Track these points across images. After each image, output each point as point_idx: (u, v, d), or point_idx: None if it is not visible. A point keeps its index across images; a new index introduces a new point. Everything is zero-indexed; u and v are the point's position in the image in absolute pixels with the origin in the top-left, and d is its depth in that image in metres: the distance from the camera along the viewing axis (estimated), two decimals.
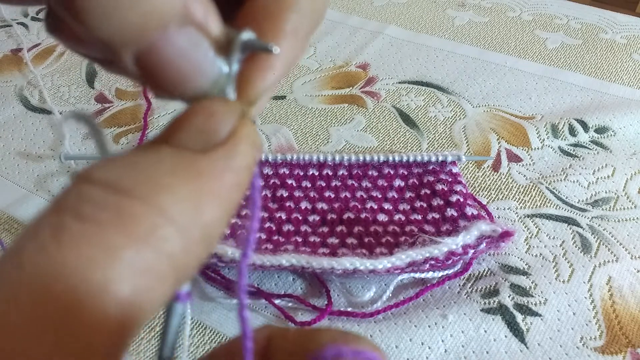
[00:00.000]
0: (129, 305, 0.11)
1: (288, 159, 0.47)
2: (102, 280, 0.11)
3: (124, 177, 0.12)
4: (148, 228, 0.11)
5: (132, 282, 0.11)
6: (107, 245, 0.11)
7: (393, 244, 0.43)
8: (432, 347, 0.38)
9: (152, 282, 0.11)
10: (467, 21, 0.77)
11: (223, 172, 0.13)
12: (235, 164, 0.13)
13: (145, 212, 0.11)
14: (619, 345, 0.38)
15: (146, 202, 0.12)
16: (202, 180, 0.12)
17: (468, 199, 0.46)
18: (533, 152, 0.54)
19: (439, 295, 0.41)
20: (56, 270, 0.11)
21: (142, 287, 0.11)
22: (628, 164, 0.53)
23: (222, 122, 0.13)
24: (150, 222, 0.11)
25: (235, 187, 0.13)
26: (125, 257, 0.11)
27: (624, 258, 0.44)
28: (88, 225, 0.11)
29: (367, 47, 0.71)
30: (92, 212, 0.11)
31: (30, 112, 0.59)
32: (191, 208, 0.12)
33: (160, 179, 0.12)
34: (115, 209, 0.11)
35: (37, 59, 0.67)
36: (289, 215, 0.45)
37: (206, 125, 0.13)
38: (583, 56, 0.69)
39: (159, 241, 0.11)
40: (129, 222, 0.11)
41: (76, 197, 0.11)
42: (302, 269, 0.40)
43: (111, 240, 0.11)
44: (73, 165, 0.52)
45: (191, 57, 0.14)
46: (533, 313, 0.40)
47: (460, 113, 0.59)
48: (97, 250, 0.11)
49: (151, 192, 0.12)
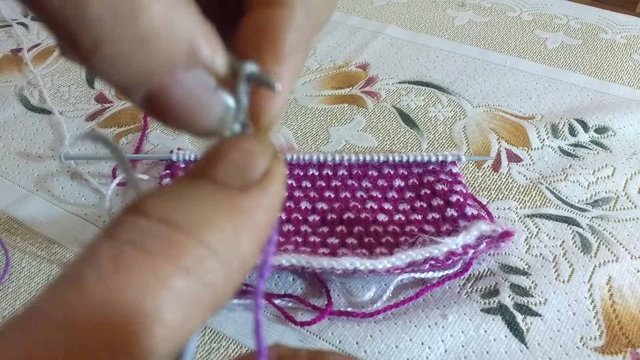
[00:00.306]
0: (173, 333, 0.12)
1: (288, 159, 0.47)
2: (155, 308, 0.11)
3: (173, 212, 0.13)
4: (195, 259, 0.12)
5: (179, 311, 0.12)
6: (159, 273, 0.12)
7: (393, 244, 0.43)
8: (432, 347, 0.38)
9: (196, 311, 0.12)
10: (467, 21, 0.77)
11: (257, 210, 0.14)
12: (268, 203, 0.14)
13: (192, 245, 0.12)
14: (619, 345, 0.38)
15: (193, 235, 0.12)
16: (240, 216, 0.13)
17: (468, 199, 0.46)
18: (533, 152, 0.54)
19: (439, 295, 0.41)
20: (114, 295, 0.11)
21: (187, 316, 0.12)
22: (628, 164, 0.53)
23: (259, 161, 0.14)
24: (196, 254, 0.12)
25: (267, 223, 0.14)
26: (175, 286, 0.12)
27: (624, 258, 0.44)
28: (143, 254, 0.12)
29: (367, 47, 0.71)
30: (146, 243, 0.12)
31: (30, 112, 0.59)
32: (231, 241, 0.13)
33: (204, 213, 0.13)
34: (167, 241, 0.12)
35: (37, 59, 0.67)
36: (289, 215, 0.45)
37: (244, 164, 0.14)
38: (583, 56, 0.69)
39: (204, 272, 0.12)
40: (178, 253, 0.12)
41: (131, 228, 0.12)
42: (302, 269, 0.40)
43: (163, 269, 0.12)
44: (73, 165, 0.52)
45: (199, 97, 0.14)
46: (533, 313, 0.40)
47: (460, 113, 0.59)
48: (151, 278, 0.12)
49: (197, 225, 0.13)
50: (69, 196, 0.49)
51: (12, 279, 0.42)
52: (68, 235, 0.46)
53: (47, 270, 0.43)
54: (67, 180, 0.51)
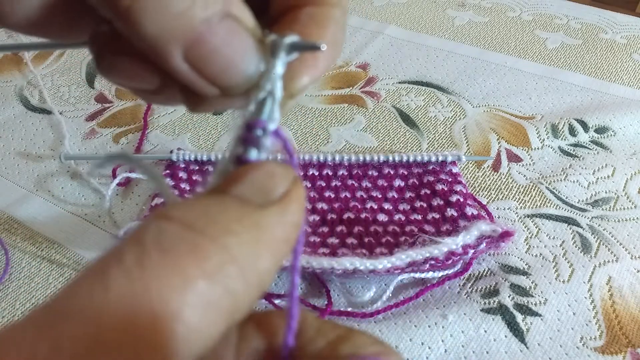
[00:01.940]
0: (195, 335, 0.12)
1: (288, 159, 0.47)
2: (178, 308, 0.12)
3: (198, 219, 0.13)
4: (218, 264, 0.13)
5: (201, 313, 0.12)
6: (184, 275, 0.12)
7: (393, 244, 0.43)
8: (432, 347, 0.38)
9: (216, 315, 0.13)
10: (467, 21, 0.77)
11: (277, 226, 0.14)
12: (287, 221, 0.15)
13: (216, 250, 0.13)
14: (619, 345, 0.38)
15: (216, 241, 0.13)
16: (260, 231, 0.14)
17: (468, 199, 0.46)
18: (533, 152, 0.54)
19: (439, 295, 0.41)
20: (140, 295, 0.12)
21: (208, 319, 0.12)
22: (628, 164, 0.53)
23: (280, 183, 0.15)
24: (218, 259, 0.13)
25: (285, 241, 0.15)
26: (198, 289, 0.12)
27: (624, 258, 0.44)
28: (167, 255, 0.12)
29: (367, 47, 0.71)
30: (171, 244, 0.12)
31: (30, 112, 0.59)
32: (251, 253, 0.14)
33: (227, 224, 0.14)
34: (191, 244, 0.13)
35: (37, 59, 0.67)
36: None
37: (266, 184, 0.15)
38: (583, 56, 0.69)
39: (225, 278, 0.13)
40: (202, 257, 0.13)
41: (157, 231, 0.13)
42: (302, 269, 0.40)
43: (187, 271, 0.12)
44: (73, 165, 0.52)
45: (234, 45, 0.16)
46: (533, 313, 0.40)
47: (460, 113, 0.59)
48: (176, 279, 0.12)
49: (220, 233, 0.13)
50: (69, 196, 0.49)
51: (12, 279, 0.42)
52: (68, 235, 0.46)
53: (47, 270, 0.43)
54: (67, 180, 0.51)
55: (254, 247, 0.14)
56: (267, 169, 0.15)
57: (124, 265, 0.12)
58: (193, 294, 0.12)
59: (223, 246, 0.13)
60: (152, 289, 0.12)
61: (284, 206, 0.15)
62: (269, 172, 0.15)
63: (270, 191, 0.15)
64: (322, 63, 0.18)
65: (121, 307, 0.11)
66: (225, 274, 0.13)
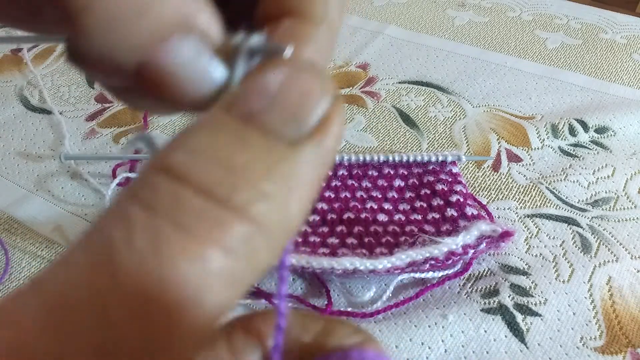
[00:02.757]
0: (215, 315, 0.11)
1: None
2: (197, 292, 0.10)
3: (214, 179, 0.11)
4: (243, 240, 0.11)
5: (222, 294, 0.11)
6: (204, 256, 0.11)
7: (393, 244, 0.43)
8: (432, 347, 0.38)
9: (238, 291, 0.11)
10: (467, 21, 0.77)
11: (309, 167, 0.12)
12: (323, 160, 0.12)
13: (242, 224, 0.11)
14: (619, 345, 0.38)
15: (243, 214, 0.11)
16: (293, 180, 0.12)
17: (468, 199, 0.46)
18: (533, 152, 0.54)
19: (439, 295, 0.41)
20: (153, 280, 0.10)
21: (229, 297, 0.11)
22: (628, 164, 0.53)
23: (318, 105, 0.12)
24: (244, 234, 0.11)
25: (317, 181, 0.12)
26: (220, 270, 0.11)
27: (624, 258, 0.44)
28: (184, 234, 0.11)
29: (367, 47, 0.71)
30: (190, 223, 0.11)
31: (30, 112, 0.59)
32: (281, 210, 0.12)
33: (252, 181, 0.11)
34: (214, 221, 0.11)
35: (37, 59, 0.67)
36: None
37: (300, 109, 0.12)
38: (583, 56, 0.69)
39: (251, 253, 0.11)
40: (227, 234, 0.11)
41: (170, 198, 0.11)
42: (302, 269, 0.40)
43: (209, 253, 0.11)
44: (73, 165, 0.52)
45: (194, 65, 0.14)
46: (533, 313, 0.40)
47: (460, 113, 0.59)
48: (195, 263, 0.10)
49: (248, 202, 0.11)
50: (69, 196, 0.49)
51: (12, 279, 0.42)
52: (68, 235, 0.46)
53: None
54: (67, 180, 0.51)
55: (285, 202, 0.11)
56: (302, 84, 0.12)
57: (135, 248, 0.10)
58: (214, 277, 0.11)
59: (248, 216, 0.11)
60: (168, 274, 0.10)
61: (321, 139, 0.12)
62: (305, 89, 0.12)
63: (306, 118, 0.12)
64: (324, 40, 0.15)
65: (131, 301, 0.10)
66: (251, 249, 0.11)
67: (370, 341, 0.15)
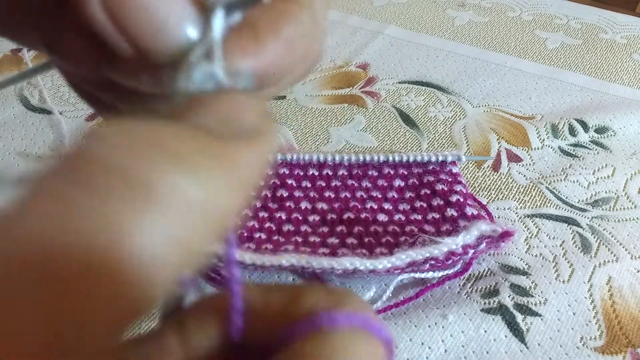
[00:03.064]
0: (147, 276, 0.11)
1: (288, 159, 0.47)
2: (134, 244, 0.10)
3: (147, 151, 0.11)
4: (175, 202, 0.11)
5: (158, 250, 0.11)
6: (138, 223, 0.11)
7: (393, 244, 0.43)
8: (432, 347, 0.38)
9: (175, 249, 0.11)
10: (467, 21, 0.77)
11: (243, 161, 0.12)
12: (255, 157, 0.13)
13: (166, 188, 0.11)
14: (619, 345, 0.38)
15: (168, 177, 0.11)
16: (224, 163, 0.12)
17: (468, 199, 0.46)
18: (533, 152, 0.54)
19: (439, 295, 0.41)
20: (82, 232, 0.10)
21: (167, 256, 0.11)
22: (628, 164, 0.53)
23: (249, 114, 0.13)
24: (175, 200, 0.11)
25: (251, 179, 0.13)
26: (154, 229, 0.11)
27: (624, 258, 0.44)
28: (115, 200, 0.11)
29: (367, 47, 0.71)
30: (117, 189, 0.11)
31: (30, 112, 0.59)
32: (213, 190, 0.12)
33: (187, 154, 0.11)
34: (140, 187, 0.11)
35: (37, 59, 0.67)
36: (289, 215, 0.45)
37: (232, 114, 0.13)
38: (583, 56, 0.69)
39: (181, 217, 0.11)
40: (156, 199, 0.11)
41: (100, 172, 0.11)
42: (302, 269, 0.39)
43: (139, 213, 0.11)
44: None
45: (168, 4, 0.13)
46: (533, 313, 0.40)
47: (460, 113, 0.59)
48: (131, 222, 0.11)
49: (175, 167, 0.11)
50: None
51: None
52: None
53: None
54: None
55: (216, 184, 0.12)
56: (231, 98, 0.13)
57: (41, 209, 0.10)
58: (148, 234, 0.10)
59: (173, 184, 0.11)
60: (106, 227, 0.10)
61: (252, 140, 0.13)
62: (235, 101, 0.13)
63: (237, 123, 0.13)
64: (267, 55, 0.15)
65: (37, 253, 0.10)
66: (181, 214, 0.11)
67: (341, 303, 0.14)
